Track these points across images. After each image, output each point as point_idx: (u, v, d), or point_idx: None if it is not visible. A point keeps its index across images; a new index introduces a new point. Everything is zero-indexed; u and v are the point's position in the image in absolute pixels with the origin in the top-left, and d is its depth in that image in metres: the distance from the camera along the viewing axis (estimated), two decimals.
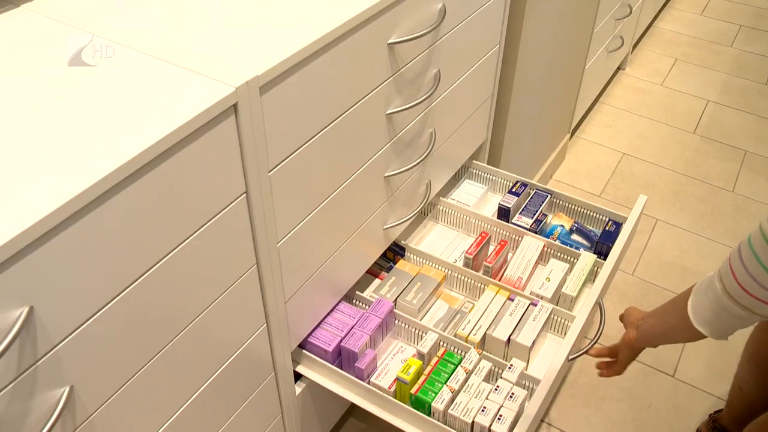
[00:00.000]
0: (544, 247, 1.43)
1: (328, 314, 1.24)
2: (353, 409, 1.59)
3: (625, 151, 2.43)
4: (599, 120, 2.58)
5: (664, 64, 2.90)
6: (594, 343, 1.22)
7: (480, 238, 1.41)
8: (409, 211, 1.37)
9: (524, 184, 1.56)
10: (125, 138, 0.71)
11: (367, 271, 1.38)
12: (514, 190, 1.54)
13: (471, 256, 1.37)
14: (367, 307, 1.29)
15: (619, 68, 2.86)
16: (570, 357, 1.17)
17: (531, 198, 1.54)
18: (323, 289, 1.17)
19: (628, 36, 2.64)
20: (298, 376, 1.22)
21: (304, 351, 1.20)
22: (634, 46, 2.97)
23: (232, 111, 0.80)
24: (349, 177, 1.10)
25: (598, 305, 1.30)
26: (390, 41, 1.06)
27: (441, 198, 1.55)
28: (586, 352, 1.20)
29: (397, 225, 1.33)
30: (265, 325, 1.05)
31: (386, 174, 1.21)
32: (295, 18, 0.93)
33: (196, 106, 0.75)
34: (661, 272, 1.97)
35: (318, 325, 1.22)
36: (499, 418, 1.10)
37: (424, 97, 1.19)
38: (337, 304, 1.25)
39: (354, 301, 1.32)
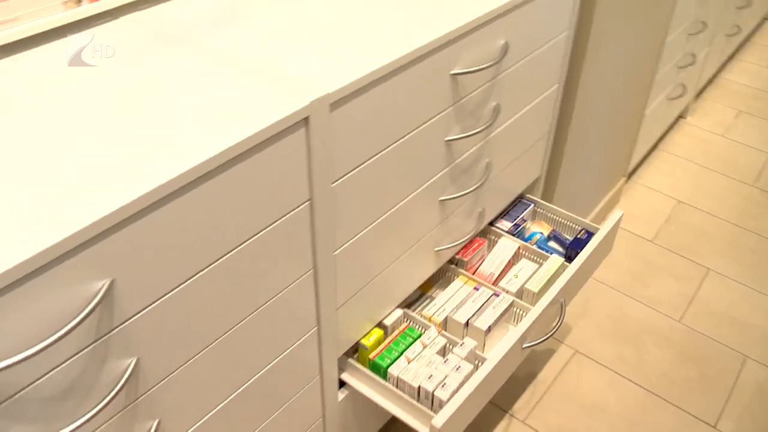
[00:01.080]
0: (518, 248, 1.54)
1: None
2: (394, 422, 1.63)
3: (681, 198, 2.43)
4: (657, 166, 2.59)
5: (728, 115, 2.91)
6: (550, 336, 1.33)
7: None
8: (461, 237, 1.42)
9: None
10: (206, 139, 0.78)
11: None
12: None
13: None
14: None
15: (680, 116, 2.87)
16: (524, 345, 1.29)
17: (515, 206, 1.66)
18: (373, 300, 1.23)
19: (691, 85, 2.66)
20: (341, 384, 1.28)
21: (349, 360, 1.26)
22: (698, 96, 2.98)
23: (304, 123, 0.88)
24: (406, 196, 1.16)
25: (560, 304, 1.42)
26: (453, 72, 1.12)
27: None
28: (540, 343, 1.32)
29: (448, 248, 1.38)
30: (317, 328, 1.11)
31: (441, 198, 1.27)
32: (368, 43, 1.00)
33: (272, 116, 0.83)
34: (709, 322, 1.97)
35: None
36: (443, 386, 1.21)
37: (483, 127, 1.25)
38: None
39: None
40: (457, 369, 1.24)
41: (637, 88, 2.05)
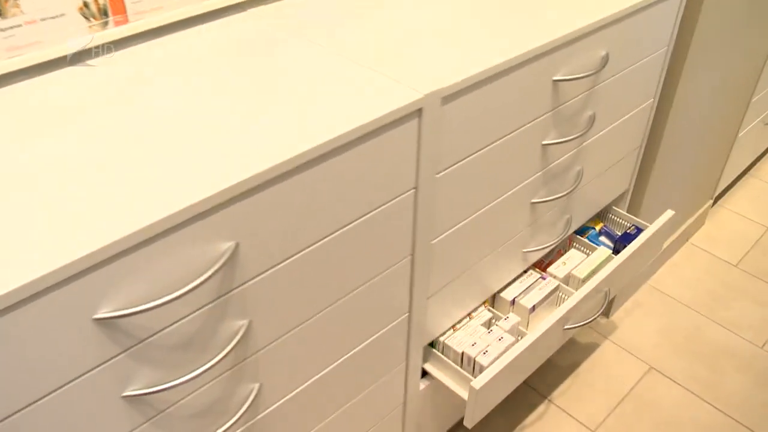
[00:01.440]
0: (569, 239, 1.61)
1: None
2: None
3: None
4: (745, 192, 2.55)
5: None
6: (591, 322, 1.38)
7: None
8: (548, 241, 1.45)
9: None
10: (331, 121, 0.85)
11: None
12: None
13: None
14: None
15: None
16: (566, 326, 1.33)
17: None
18: (461, 293, 1.27)
19: None
20: (423, 374, 1.33)
21: (433, 350, 1.31)
22: None
23: (417, 114, 0.93)
24: (502, 195, 1.20)
25: (605, 294, 1.47)
26: (555, 78, 1.16)
27: None
28: (581, 327, 1.36)
29: (535, 251, 1.42)
30: (407, 315, 1.16)
31: (533, 200, 1.31)
32: (480, 45, 1.05)
33: (390, 104, 0.89)
34: None
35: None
36: (484, 353, 1.27)
37: (578, 135, 1.29)
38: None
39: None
40: (500, 339, 1.30)
41: (731, 109, 2.03)
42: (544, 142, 1.24)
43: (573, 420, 1.72)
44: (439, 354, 1.30)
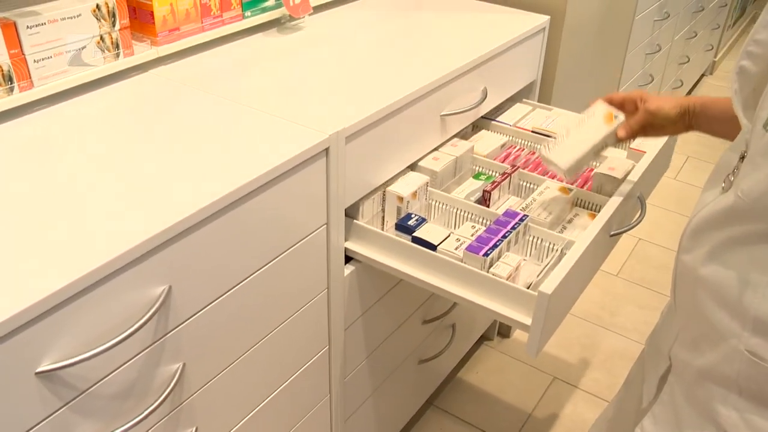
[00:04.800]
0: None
1: None
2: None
3: (641, 236, 2.61)
4: None
5: (677, 160, 3.13)
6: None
7: None
8: None
9: None
10: (247, 165, 0.91)
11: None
12: None
13: None
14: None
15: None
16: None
17: None
18: (380, 320, 1.33)
19: None
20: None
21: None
22: None
23: (324, 154, 1.01)
24: None
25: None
26: (443, 113, 1.27)
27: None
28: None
29: None
30: (327, 347, 1.21)
31: None
32: (372, 88, 1.15)
33: (299, 146, 0.96)
34: None
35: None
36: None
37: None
38: None
39: None
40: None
41: None
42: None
43: None
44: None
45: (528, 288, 1.07)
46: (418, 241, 1.13)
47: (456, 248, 1.12)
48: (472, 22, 1.49)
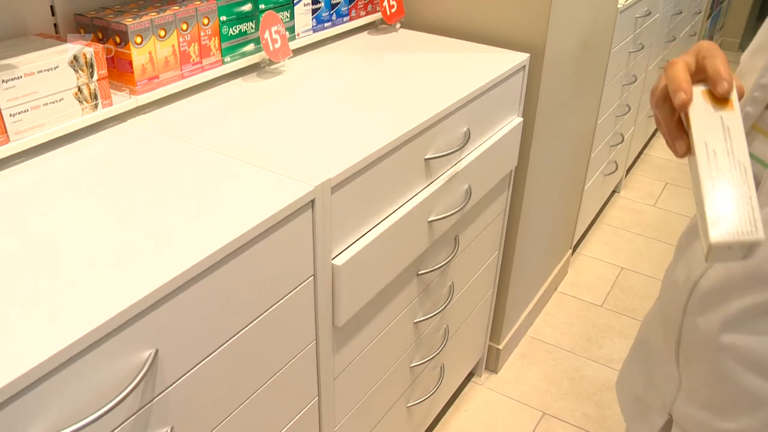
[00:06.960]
0: None
1: None
2: None
3: (624, 265, 2.61)
4: (598, 237, 2.78)
5: (656, 187, 3.15)
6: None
7: None
8: (433, 310, 1.53)
9: None
10: (231, 222, 0.89)
11: None
12: None
13: None
14: None
15: (614, 191, 3.10)
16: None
17: None
18: (368, 369, 1.31)
19: (621, 161, 2.89)
20: None
21: None
22: (628, 171, 3.22)
23: (310, 205, 0.99)
24: (396, 271, 1.26)
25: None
26: (426, 156, 1.26)
27: None
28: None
29: (423, 320, 1.49)
30: (317, 398, 1.19)
31: (420, 272, 1.39)
32: (355, 135, 1.13)
33: (285, 199, 0.94)
34: None
35: None
36: None
37: (459, 208, 1.39)
38: None
39: None
40: None
41: (576, 166, 2.24)
42: (430, 219, 1.32)
43: None
44: None
45: None
46: None
47: None
48: (453, 62, 1.49)
